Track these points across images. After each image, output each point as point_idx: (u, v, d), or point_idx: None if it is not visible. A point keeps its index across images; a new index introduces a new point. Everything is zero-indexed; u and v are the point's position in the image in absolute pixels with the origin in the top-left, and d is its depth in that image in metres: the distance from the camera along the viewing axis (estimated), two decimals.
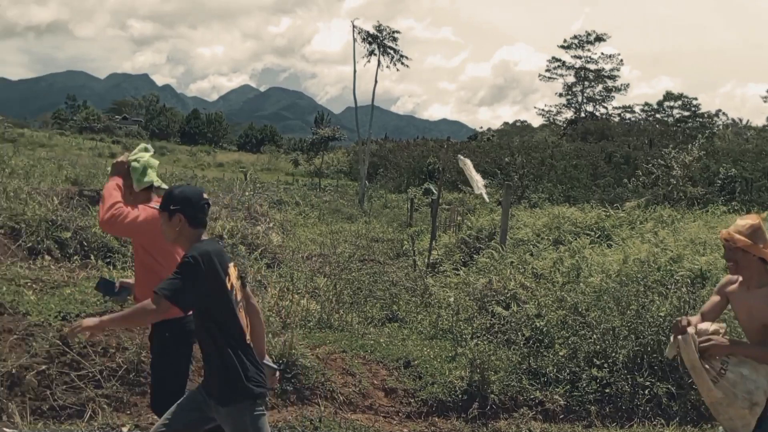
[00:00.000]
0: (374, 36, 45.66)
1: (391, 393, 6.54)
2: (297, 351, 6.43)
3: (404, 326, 8.62)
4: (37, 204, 9.83)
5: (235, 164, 61.99)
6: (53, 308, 6.42)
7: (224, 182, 31.64)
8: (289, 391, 6.19)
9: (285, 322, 7.80)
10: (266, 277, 10.28)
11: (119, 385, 5.74)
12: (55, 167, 21.34)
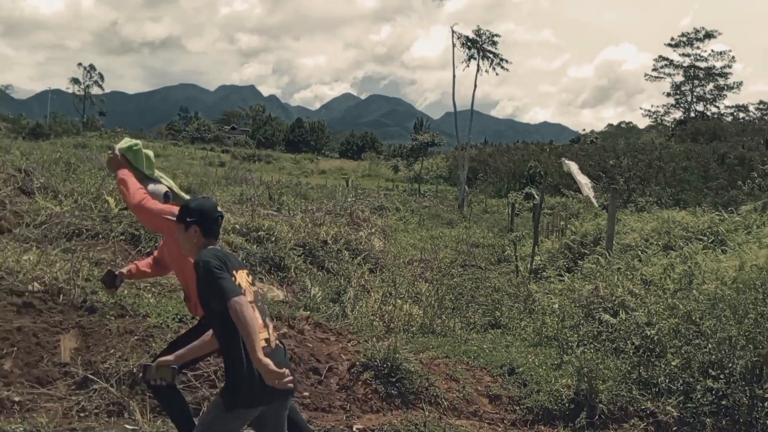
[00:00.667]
0: (473, 41, 45.48)
1: (495, 400, 6.49)
2: (401, 355, 6.49)
3: (507, 333, 8.55)
4: None
5: (337, 171, 63.20)
6: (171, 311, 6.76)
7: (327, 189, 32.32)
8: (393, 395, 6.25)
9: (388, 326, 7.89)
10: (369, 281, 10.44)
11: None
12: (169, 176, 22.43)
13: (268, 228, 11.17)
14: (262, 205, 15.53)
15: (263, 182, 28.89)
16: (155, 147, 63.48)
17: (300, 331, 7.01)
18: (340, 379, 6.43)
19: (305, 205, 18.63)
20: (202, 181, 23.95)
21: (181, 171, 29.77)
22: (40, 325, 6.33)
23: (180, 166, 39.37)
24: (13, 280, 6.79)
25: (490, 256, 17.42)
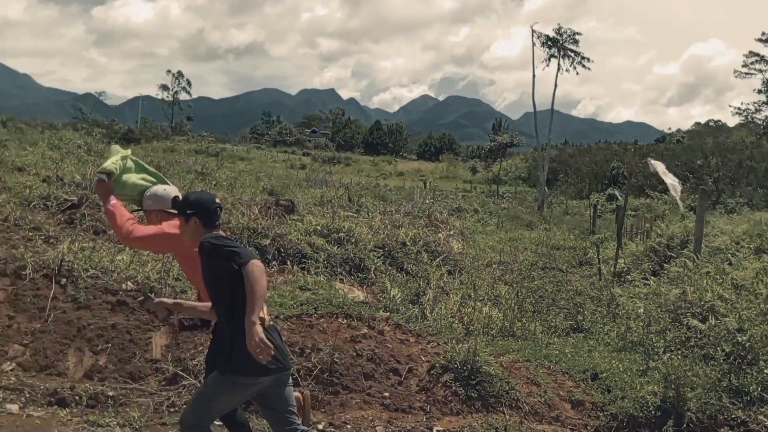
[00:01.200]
0: (554, 39, 44.73)
1: (578, 405, 6.39)
2: (481, 358, 6.47)
3: (590, 337, 8.39)
4: (240, 213, 10.69)
5: (414, 173, 63.27)
6: None
7: (405, 191, 32.41)
8: (473, 398, 6.24)
9: (468, 328, 7.88)
10: (448, 283, 10.43)
11: (315, 383, 6.09)
12: (253, 179, 23.01)
13: (348, 229, 11.31)
14: (342, 207, 15.73)
15: (343, 184, 29.25)
16: (239, 151, 65.20)
17: (380, 332, 7.08)
18: (420, 381, 6.46)
19: (384, 206, 18.76)
20: (284, 183, 24.42)
21: (264, 174, 30.46)
22: (132, 322, 6.63)
23: (263, 168, 40.27)
24: (108, 279, 7.13)
25: (572, 258, 17.10)
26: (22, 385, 5.69)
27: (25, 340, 6.26)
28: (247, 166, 40.73)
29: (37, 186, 10.69)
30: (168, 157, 23.26)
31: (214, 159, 32.64)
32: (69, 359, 6.19)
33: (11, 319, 6.46)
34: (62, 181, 11.30)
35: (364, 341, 6.78)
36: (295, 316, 6.95)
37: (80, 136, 20.19)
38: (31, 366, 6.04)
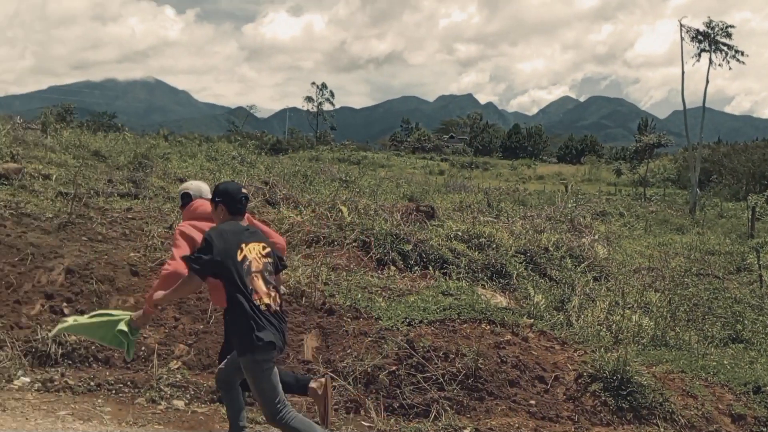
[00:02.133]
0: (704, 33, 42.27)
1: (739, 419, 6.03)
2: (632, 368, 6.25)
3: (750, 348, 7.90)
4: (382, 219, 10.95)
5: (555, 176, 61.85)
6: (400, 314, 7.09)
7: (545, 195, 31.76)
8: (624, 409, 6.04)
9: (617, 337, 7.64)
10: (594, 290, 10.15)
11: (459, 388, 6.13)
12: (393, 185, 23.44)
13: (488, 235, 11.28)
14: (481, 212, 15.67)
15: (481, 189, 29.12)
16: (379, 158, 66.49)
17: (524, 339, 7.01)
18: (567, 389, 6.34)
19: (524, 211, 18.50)
20: (423, 189, 24.69)
21: (403, 180, 30.92)
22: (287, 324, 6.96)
23: (402, 175, 40.88)
24: None
25: (728, 264, 16.09)
26: (187, 382, 6.13)
27: (189, 340, 6.74)
28: (388, 173, 41.49)
29: None
30: (313, 165, 24.15)
31: (356, 167, 33.55)
32: None
33: (177, 320, 6.98)
34: None
35: (508, 347, 6.75)
36: (438, 321, 7.02)
37: (234, 147, 21.44)
38: (194, 365, 6.50)
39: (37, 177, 10.51)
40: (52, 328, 6.32)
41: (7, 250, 7.48)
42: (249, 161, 18.90)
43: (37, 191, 9.88)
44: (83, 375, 6.13)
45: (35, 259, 7.39)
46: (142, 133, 26.30)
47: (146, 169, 13.45)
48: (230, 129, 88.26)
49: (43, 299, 6.94)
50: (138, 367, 6.37)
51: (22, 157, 11.59)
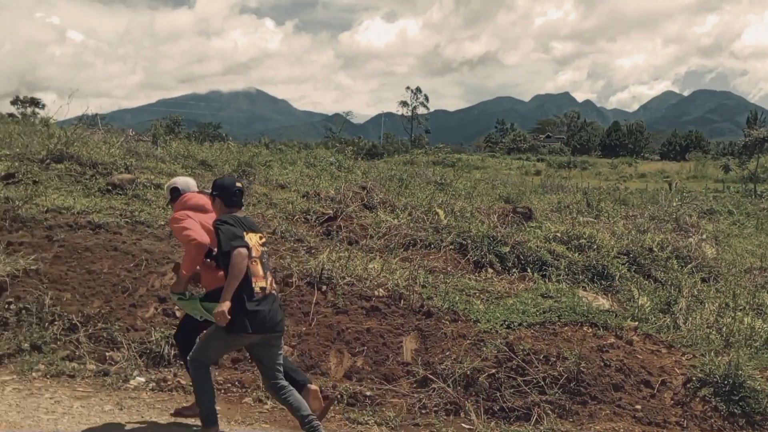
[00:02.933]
0: None
1: None
2: (744, 372, 5.99)
3: None
4: (479, 222, 10.91)
5: (658, 174, 59.60)
6: (499, 317, 7.07)
7: (648, 193, 30.68)
8: (736, 415, 5.80)
9: (727, 340, 7.31)
10: (702, 291, 9.75)
11: (561, 392, 6.05)
12: (488, 187, 23.24)
13: (589, 236, 11.02)
14: (581, 213, 15.31)
15: (580, 189, 28.44)
16: (474, 160, 66.10)
17: (628, 342, 6.84)
18: (675, 394, 6.14)
19: (625, 211, 17.94)
20: (519, 190, 24.34)
21: (499, 182, 30.61)
22: (385, 327, 7.08)
23: (497, 176, 40.46)
24: (362, 286, 7.68)
25: None
26: None
27: (293, 342, 6.95)
28: (483, 175, 41.15)
29: (298, 201, 11.81)
30: (408, 169, 24.29)
31: (450, 169, 33.51)
32: (330, 360, 6.77)
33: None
34: (319, 196, 12.35)
35: (611, 351, 6.60)
36: (539, 324, 6.95)
37: (331, 153, 21.86)
38: (299, 365, 6.69)
39: (149, 186, 11.07)
40: (166, 330, 6.69)
41: (123, 257, 7.95)
42: (346, 167, 19.21)
43: (149, 200, 10.43)
44: None
45: (149, 265, 7.82)
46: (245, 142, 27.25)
47: (249, 176, 13.92)
48: (327, 135, 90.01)
49: (156, 303, 7.34)
50: (245, 367, 6.63)
51: (135, 168, 12.24)
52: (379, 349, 6.83)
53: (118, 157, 12.53)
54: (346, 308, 7.31)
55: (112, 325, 6.94)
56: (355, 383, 6.43)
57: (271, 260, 5.46)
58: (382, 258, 8.64)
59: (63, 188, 10.38)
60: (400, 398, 6.21)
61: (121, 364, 6.48)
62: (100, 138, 14.87)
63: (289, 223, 10.17)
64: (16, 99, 70.92)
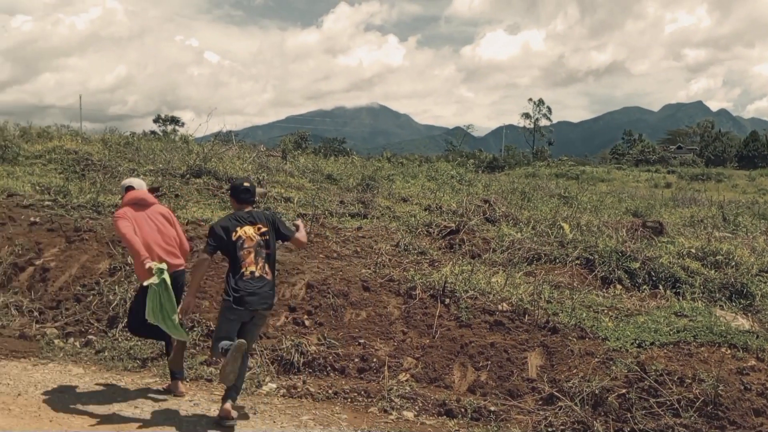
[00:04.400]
0: None
1: None
2: None
3: None
4: (606, 236, 10.59)
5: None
6: (629, 335, 6.82)
7: None
8: None
9: None
10: None
11: (697, 416, 5.75)
12: (615, 200, 22.48)
13: (726, 252, 10.43)
14: (716, 227, 14.52)
15: (715, 202, 26.91)
16: (599, 172, 64.07)
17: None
18: None
19: (766, 225, 16.82)
20: (648, 204, 23.36)
21: (626, 194, 29.53)
22: (509, 342, 7.01)
23: (624, 189, 39.01)
24: (485, 300, 7.65)
25: None
26: (416, 394, 6.39)
27: (417, 354, 7.03)
28: (608, 188, 39.83)
29: (420, 214, 11.94)
30: (531, 182, 23.93)
31: (574, 182, 32.72)
32: (454, 373, 6.78)
33: (405, 334, 7.32)
34: (441, 209, 12.43)
35: (752, 374, 6.21)
36: (672, 344, 6.65)
37: (452, 167, 21.92)
38: (422, 377, 6.76)
39: (280, 200, 11.56)
40: (296, 338, 6.94)
41: None
42: (467, 180, 19.20)
43: (280, 213, 10.88)
44: (322, 383, 6.64)
45: (280, 275, 8.13)
46: (368, 156, 27.81)
47: (373, 190, 14.22)
48: (448, 149, 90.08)
49: (287, 311, 7.64)
50: (370, 377, 6.77)
51: (267, 182, 12.81)
52: (503, 364, 6.78)
53: (251, 172, 13.16)
54: (470, 322, 7.31)
55: None
56: (479, 397, 6.41)
57: (277, 251, 6.11)
58: (505, 272, 8.57)
59: (202, 201, 11.03)
60: (526, 415, 6.12)
61: (254, 370, 6.78)
62: (234, 154, 15.68)
63: (412, 236, 10.29)
64: (157, 117, 75.82)
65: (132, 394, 6.17)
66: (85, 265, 8.71)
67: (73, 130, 18.72)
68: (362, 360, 6.98)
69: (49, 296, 8.27)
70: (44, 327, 7.67)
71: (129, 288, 7.97)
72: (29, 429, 5.21)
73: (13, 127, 17.64)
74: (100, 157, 14.05)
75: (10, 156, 13.68)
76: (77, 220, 9.57)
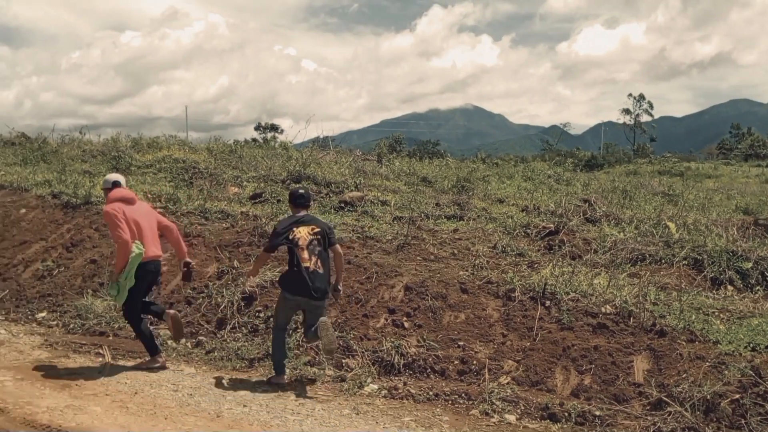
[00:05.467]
0: None
1: None
2: None
3: None
4: (715, 235, 10.14)
5: None
6: (742, 338, 6.52)
7: None
8: None
9: None
10: None
11: None
12: (723, 197, 21.44)
13: None
14: None
15: None
16: (705, 168, 61.30)
17: None
18: None
19: None
20: (759, 201, 22.14)
21: (735, 191, 28.12)
22: (613, 345, 6.84)
23: (733, 185, 37.13)
24: (588, 302, 7.49)
25: None
26: (517, 397, 6.33)
27: (517, 357, 6.97)
28: (716, 184, 37.99)
29: (517, 215, 11.80)
30: (632, 180, 23.14)
31: (679, 179, 31.37)
32: (556, 377, 6.68)
33: (504, 336, 7.27)
34: (538, 210, 12.25)
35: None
36: None
37: (549, 166, 21.52)
38: (523, 381, 6.69)
39: (376, 203, 11.70)
40: (395, 340, 7.02)
41: (356, 270, 8.49)
42: (565, 179, 18.80)
43: (376, 216, 11.03)
44: (422, 385, 6.69)
45: (379, 277, 8.27)
46: (462, 158, 27.71)
47: (468, 191, 14.16)
48: (544, 148, 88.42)
49: (386, 313, 7.75)
50: (470, 380, 6.77)
51: (363, 186, 13.00)
52: (608, 367, 6.62)
53: (348, 176, 13.39)
54: (572, 324, 7.18)
55: (348, 333, 7.45)
56: (582, 401, 6.28)
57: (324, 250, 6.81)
58: (607, 273, 8.35)
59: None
60: (633, 420, 5.95)
61: (356, 371, 6.91)
62: (331, 159, 15.98)
63: (509, 237, 10.19)
64: (258, 125, 78.17)
65: (240, 393, 6.41)
66: (195, 269, 9.12)
67: (180, 140, 19.57)
68: (462, 362, 6.99)
69: (162, 299, 8.71)
70: (158, 328, 8.07)
71: (236, 291, 8.29)
72: (146, 426, 5.49)
73: (125, 138, 18.63)
74: (206, 165, 14.64)
75: (123, 166, 14.48)
76: (186, 226, 10.03)
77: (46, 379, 6.59)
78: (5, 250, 10.66)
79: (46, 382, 6.49)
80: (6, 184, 12.83)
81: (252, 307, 8.15)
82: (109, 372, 6.88)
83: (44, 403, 5.85)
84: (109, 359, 7.30)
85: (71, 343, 7.88)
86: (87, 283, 9.48)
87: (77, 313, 8.65)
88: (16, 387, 6.30)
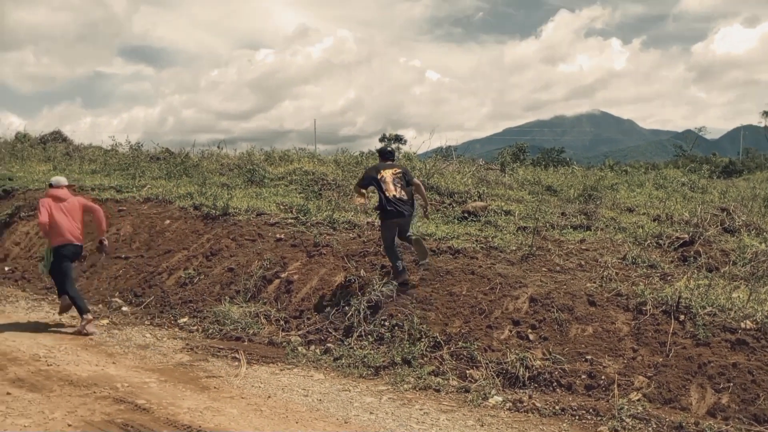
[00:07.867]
0: None
1: None
2: None
3: None
4: None
5: None
6: None
7: None
8: None
9: None
10: None
11: None
12: None
13: None
14: None
15: None
16: None
17: None
18: None
19: None
20: None
21: None
22: (753, 362, 6.46)
23: None
24: (726, 317, 7.11)
25: None
26: (649, 415, 6.10)
27: (648, 373, 6.72)
28: None
29: (648, 225, 11.37)
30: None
31: None
32: (691, 395, 6.39)
33: (635, 351, 7.03)
34: (671, 219, 11.74)
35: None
36: None
37: (683, 173, 20.52)
38: (655, 398, 6.45)
39: (500, 213, 11.64)
40: (520, 352, 6.97)
41: (480, 280, 8.50)
42: (700, 187, 17.89)
43: (500, 226, 10.97)
44: (548, 398, 6.59)
45: (503, 288, 8.23)
46: (588, 166, 26.91)
47: (596, 200, 13.79)
48: (677, 154, 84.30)
49: (510, 325, 7.70)
50: (598, 395, 6.60)
51: (486, 196, 12.97)
52: (747, 386, 6.26)
53: (471, 186, 13.40)
54: (708, 340, 6.84)
55: (471, 344, 7.47)
56: (720, 421, 5.98)
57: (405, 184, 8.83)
58: (748, 287, 7.90)
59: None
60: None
61: (480, 382, 6.90)
62: (454, 169, 16.03)
63: (640, 248, 9.85)
64: (383, 137, 79.43)
65: (367, 400, 6.58)
66: (323, 277, 9.46)
67: (309, 153, 20.28)
68: (589, 377, 6.83)
69: (293, 306, 9.09)
70: (289, 335, 8.43)
71: (362, 300, 8.51)
72: (279, 429, 5.72)
73: (259, 152, 19.53)
74: (334, 176, 15.11)
75: (257, 178, 15.19)
76: (316, 236, 10.41)
77: (187, 382, 7.00)
78: (151, 259, 11.46)
79: (187, 385, 6.90)
80: (152, 197, 13.76)
81: (378, 315, 8.33)
82: (244, 376, 7.25)
83: (185, 404, 6.22)
84: (244, 364, 7.68)
85: (210, 347, 8.35)
86: (225, 290, 10.02)
87: (215, 319, 9.17)
88: (159, 388, 6.73)
